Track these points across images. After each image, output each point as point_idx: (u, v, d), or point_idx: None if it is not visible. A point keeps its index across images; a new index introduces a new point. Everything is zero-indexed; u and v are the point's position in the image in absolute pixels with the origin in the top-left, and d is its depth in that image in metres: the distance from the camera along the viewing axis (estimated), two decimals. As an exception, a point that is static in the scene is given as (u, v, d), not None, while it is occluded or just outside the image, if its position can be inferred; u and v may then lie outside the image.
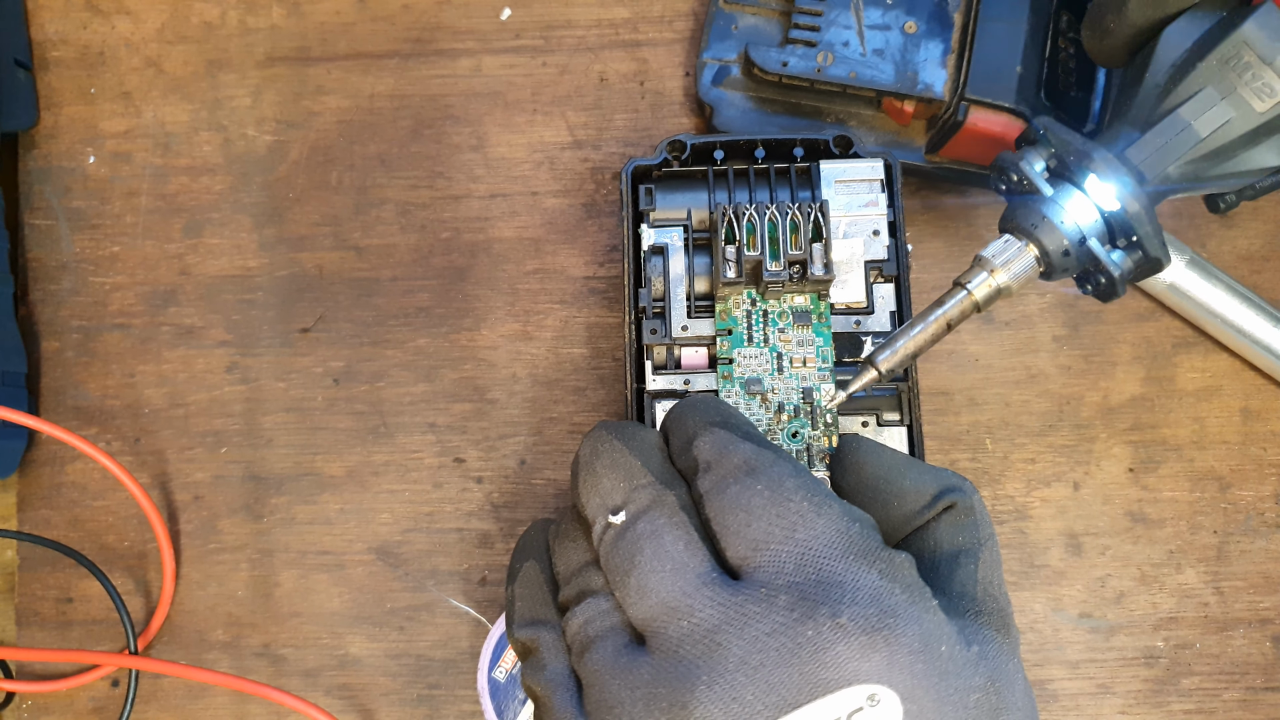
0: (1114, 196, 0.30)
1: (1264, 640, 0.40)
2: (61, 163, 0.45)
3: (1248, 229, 0.43)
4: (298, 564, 0.42)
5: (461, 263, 0.43)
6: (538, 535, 0.31)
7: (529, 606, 0.29)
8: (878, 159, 0.36)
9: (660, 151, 0.37)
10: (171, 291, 0.44)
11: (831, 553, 0.25)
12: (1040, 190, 0.31)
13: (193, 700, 0.42)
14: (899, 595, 0.25)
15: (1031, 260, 0.31)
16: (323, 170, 0.44)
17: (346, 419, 0.43)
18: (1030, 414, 0.42)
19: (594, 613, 0.27)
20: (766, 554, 0.25)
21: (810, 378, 0.35)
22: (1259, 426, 0.42)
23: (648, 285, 0.36)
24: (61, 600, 0.42)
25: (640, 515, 0.27)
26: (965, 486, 0.29)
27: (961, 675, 0.25)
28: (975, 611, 0.27)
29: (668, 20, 0.44)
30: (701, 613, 0.25)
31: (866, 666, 0.24)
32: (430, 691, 0.41)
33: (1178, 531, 0.41)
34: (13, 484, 0.43)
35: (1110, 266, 0.31)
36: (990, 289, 0.31)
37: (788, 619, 0.24)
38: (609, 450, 0.28)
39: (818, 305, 0.35)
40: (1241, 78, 0.30)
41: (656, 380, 0.35)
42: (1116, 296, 0.32)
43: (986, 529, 0.28)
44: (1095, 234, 0.31)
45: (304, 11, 0.45)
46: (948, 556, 0.28)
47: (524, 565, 0.30)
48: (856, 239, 0.35)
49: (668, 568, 0.26)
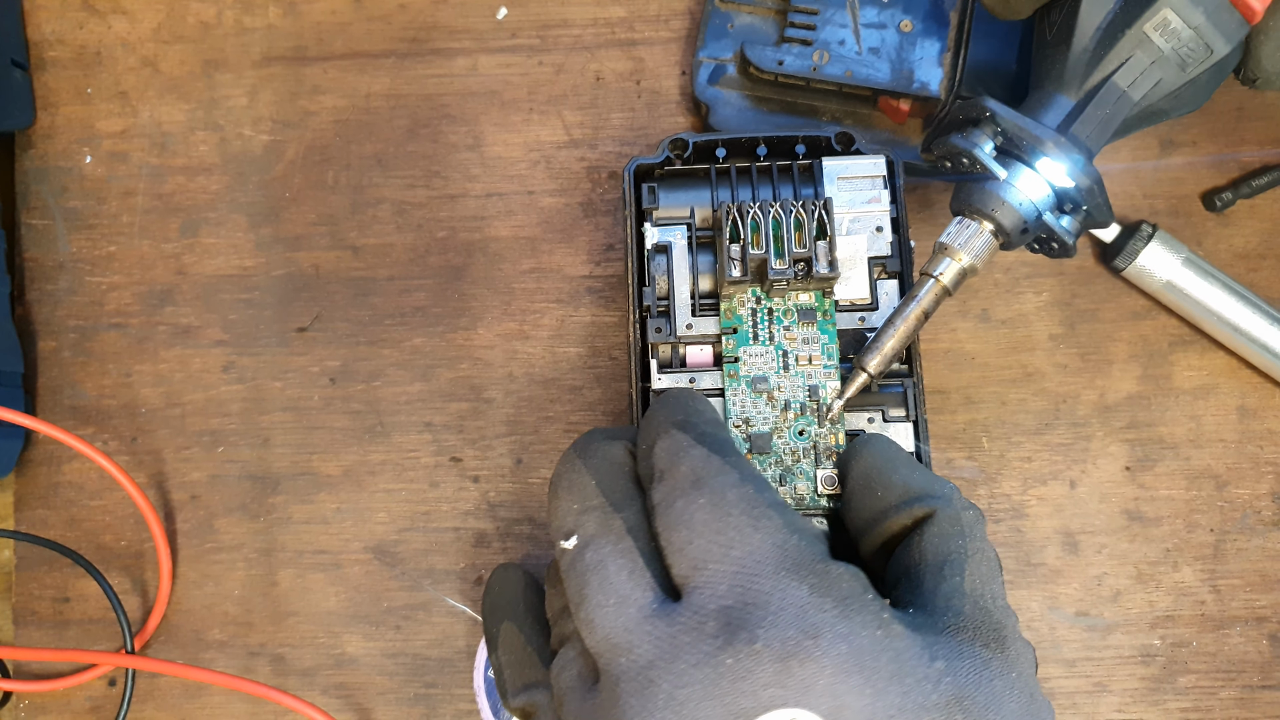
0: (1066, 174, 0.32)
1: (1260, 638, 0.40)
2: (58, 162, 0.45)
3: (1244, 227, 0.43)
4: (294, 563, 0.42)
5: (458, 262, 0.43)
6: (504, 590, 0.31)
7: (517, 674, 0.29)
8: (879, 156, 0.36)
9: (662, 150, 0.37)
10: (168, 291, 0.44)
11: (763, 570, 0.24)
12: (994, 173, 0.32)
13: (189, 699, 0.42)
14: (827, 611, 0.24)
15: (989, 238, 0.33)
16: (319, 170, 0.44)
17: (343, 418, 0.43)
18: (1027, 412, 0.42)
19: (564, 661, 0.27)
20: (705, 573, 0.25)
21: (816, 375, 0.35)
22: (1255, 425, 0.42)
23: (652, 284, 0.36)
24: (58, 600, 0.42)
25: (588, 543, 0.26)
26: (951, 494, 0.28)
27: (914, 692, 0.23)
28: (958, 627, 0.25)
29: (664, 19, 0.44)
30: (639, 648, 0.24)
31: (782, 693, 0.23)
32: (427, 690, 0.41)
33: (1174, 530, 0.41)
34: (10, 484, 0.43)
35: (1064, 235, 0.33)
36: (956, 272, 0.33)
37: (711, 647, 0.24)
38: (569, 471, 0.28)
39: (822, 302, 0.35)
40: (1169, 43, 0.31)
41: (661, 379, 0.35)
42: (1068, 256, 0.34)
43: (976, 540, 0.27)
44: (1048, 207, 0.32)
45: (300, 11, 0.45)
46: (931, 568, 0.27)
47: (500, 629, 0.30)
48: (859, 235, 0.35)
49: (611, 601, 0.25)
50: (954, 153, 0.33)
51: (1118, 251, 0.41)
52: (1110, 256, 0.41)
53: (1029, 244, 0.34)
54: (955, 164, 0.33)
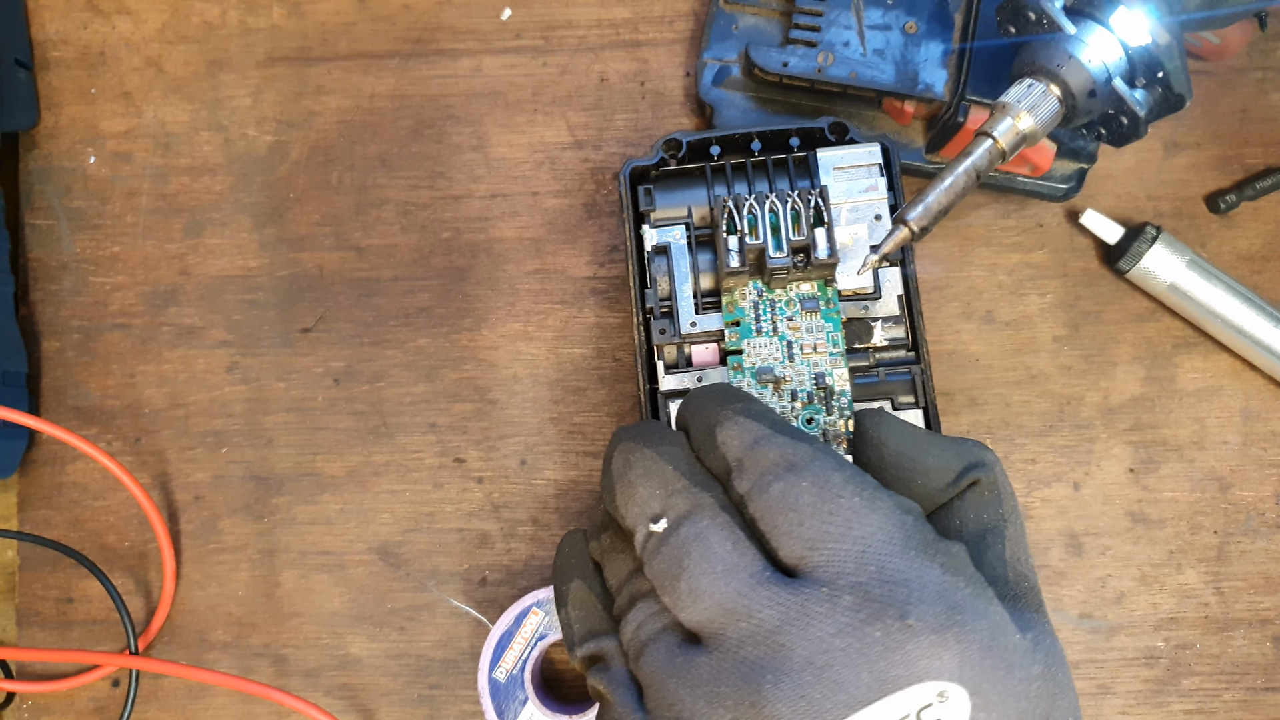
0: (1143, 29, 0.29)
1: (1264, 640, 0.40)
2: (62, 163, 0.45)
3: (1248, 229, 0.43)
4: (298, 564, 0.42)
5: (462, 263, 0.43)
6: (574, 551, 0.31)
7: (585, 624, 0.29)
8: (874, 144, 0.36)
9: (656, 151, 0.37)
10: (172, 291, 0.44)
11: (891, 549, 0.25)
12: (1063, 27, 0.30)
13: (193, 700, 0.42)
14: (963, 590, 0.25)
15: (1055, 103, 0.31)
16: (323, 170, 0.44)
17: (347, 419, 0.43)
18: (1031, 414, 0.42)
19: (645, 616, 0.27)
20: (824, 553, 0.25)
21: (822, 364, 0.34)
22: (1259, 427, 0.42)
23: (653, 285, 0.36)
24: (62, 600, 0.42)
25: (683, 520, 0.26)
26: (987, 459, 0.28)
27: (1023, 665, 0.24)
28: (1014, 595, 0.26)
29: (668, 20, 0.44)
30: (761, 613, 0.25)
31: (937, 665, 0.23)
32: (431, 692, 0.41)
33: (1178, 532, 0.41)
34: (13, 484, 0.43)
35: (1135, 105, 0.30)
36: (1015, 135, 0.31)
37: (853, 619, 0.24)
38: (640, 459, 0.28)
39: (825, 291, 0.35)
40: None
41: (669, 380, 0.35)
42: (1136, 138, 0.31)
43: (1010, 501, 0.28)
44: (1119, 72, 0.30)
45: (304, 11, 0.45)
46: (975, 537, 0.27)
47: (570, 586, 0.30)
48: (859, 224, 0.35)
49: (719, 569, 0.25)
50: (1019, 9, 0.31)
51: (1121, 253, 0.41)
52: (1114, 258, 0.41)
53: (1093, 123, 0.32)
54: (1020, 24, 0.31)
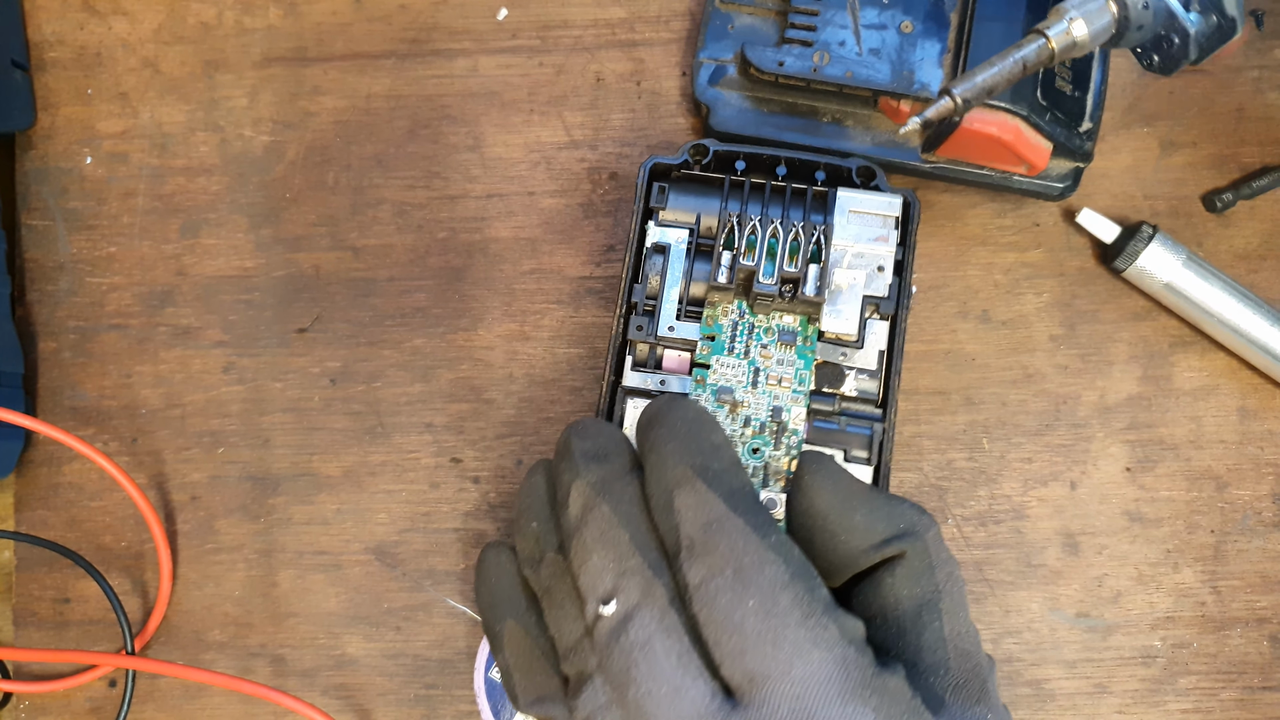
0: None
1: (1261, 639, 0.40)
2: (58, 163, 0.45)
3: (1244, 228, 0.43)
4: (295, 564, 0.42)
5: (458, 263, 0.43)
6: (503, 579, 0.30)
7: (529, 679, 0.29)
8: (897, 195, 0.35)
9: (682, 152, 0.37)
10: (168, 292, 0.44)
11: (829, 694, 0.24)
12: None
13: (190, 700, 0.42)
14: None
15: (1110, 16, 0.31)
16: (319, 171, 0.44)
17: (343, 419, 0.43)
18: (1027, 413, 0.42)
19: (594, 708, 0.26)
20: (764, 691, 0.24)
21: (783, 398, 0.34)
22: (1256, 425, 0.42)
23: (644, 281, 0.36)
24: (59, 600, 0.42)
25: (632, 614, 0.26)
26: (919, 525, 0.28)
27: None
28: (955, 685, 0.26)
29: (664, 20, 0.44)
30: None
31: None
32: (427, 691, 0.41)
33: (1175, 531, 0.41)
34: (10, 484, 0.43)
35: (1187, 24, 0.31)
36: (1067, 40, 0.31)
37: None
38: (597, 519, 0.27)
39: (805, 328, 0.35)
40: None
41: (632, 376, 0.35)
42: (1185, 64, 0.32)
43: (945, 569, 0.27)
44: None
45: (300, 12, 0.45)
46: (910, 615, 0.27)
47: (504, 627, 0.29)
48: (860, 270, 0.35)
49: (663, 691, 0.25)
50: None
51: (1118, 252, 0.41)
52: (1110, 257, 0.41)
53: (1144, 49, 0.32)
54: None
